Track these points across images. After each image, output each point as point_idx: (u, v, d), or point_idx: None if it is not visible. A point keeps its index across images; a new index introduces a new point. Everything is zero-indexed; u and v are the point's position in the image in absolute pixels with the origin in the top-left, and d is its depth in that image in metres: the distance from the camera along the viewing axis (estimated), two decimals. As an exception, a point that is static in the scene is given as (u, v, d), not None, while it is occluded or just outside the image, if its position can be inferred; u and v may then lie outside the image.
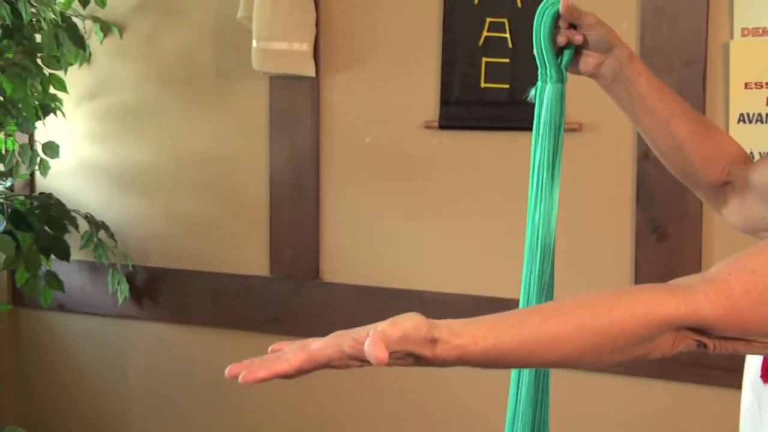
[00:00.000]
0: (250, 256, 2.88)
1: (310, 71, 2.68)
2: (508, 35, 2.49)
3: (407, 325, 0.92)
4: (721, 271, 1.01)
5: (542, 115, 1.48)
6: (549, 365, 1.02)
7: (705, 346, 1.00)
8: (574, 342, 0.98)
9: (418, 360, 0.93)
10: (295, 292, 2.81)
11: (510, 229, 2.54)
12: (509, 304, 2.67)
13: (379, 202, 2.71)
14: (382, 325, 0.92)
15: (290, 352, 0.95)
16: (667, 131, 1.45)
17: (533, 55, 1.52)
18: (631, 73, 1.45)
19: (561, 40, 1.45)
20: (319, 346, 0.95)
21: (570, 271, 2.50)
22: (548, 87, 1.48)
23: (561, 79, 1.47)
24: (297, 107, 2.77)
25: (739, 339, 1.00)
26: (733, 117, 2.28)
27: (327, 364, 0.94)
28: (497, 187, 2.56)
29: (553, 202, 1.43)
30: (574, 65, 1.47)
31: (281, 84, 2.78)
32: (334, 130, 2.74)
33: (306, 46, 2.66)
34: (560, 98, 1.47)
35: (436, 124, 2.59)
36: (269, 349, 0.99)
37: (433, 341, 0.93)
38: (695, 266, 2.28)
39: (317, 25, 2.69)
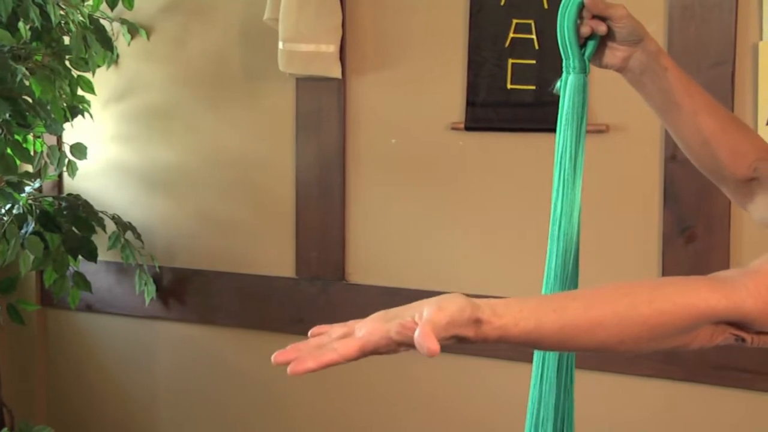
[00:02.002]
0: (276, 257, 2.89)
1: (337, 73, 2.68)
2: (534, 36, 2.49)
3: (453, 308, 0.94)
4: (763, 266, 1.00)
5: (565, 106, 1.48)
6: (587, 350, 1.01)
7: (743, 340, 0.99)
8: (613, 330, 0.97)
9: (461, 340, 0.95)
10: (321, 293, 2.82)
11: (536, 230, 2.53)
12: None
13: (405, 203, 2.71)
14: (428, 310, 0.93)
15: (336, 340, 0.95)
16: (694, 125, 1.44)
17: (560, 57, 1.50)
18: (658, 67, 1.43)
19: (585, 30, 1.44)
20: (366, 333, 0.94)
21: (597, 273, 2.49)
22: (570, 78, 1.48)
23: (584, 70, 1.47)
24: (323, 108, 2.77)
25: None
26: (762, 118, 2.27)
27: (375, 351, 0.94)
28: (523, 188, 2.56)
29: (576, 193, 1.42)
30: (600, 58, 1.46)
31: (308, 85, 2.78)
32: (361, 132, 2.74)
33: (332, 48, 2.66)
34: (582, 89, 1.47)
35: (463, 125, 2.58)
36: (310, 333, 0.99)
37: (477, 322, 0.95)
38: (723, 267, 2.25)
39: (343, 26, 2.69)
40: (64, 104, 2.79)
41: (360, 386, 2.80)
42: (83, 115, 2.90)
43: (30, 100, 2.65)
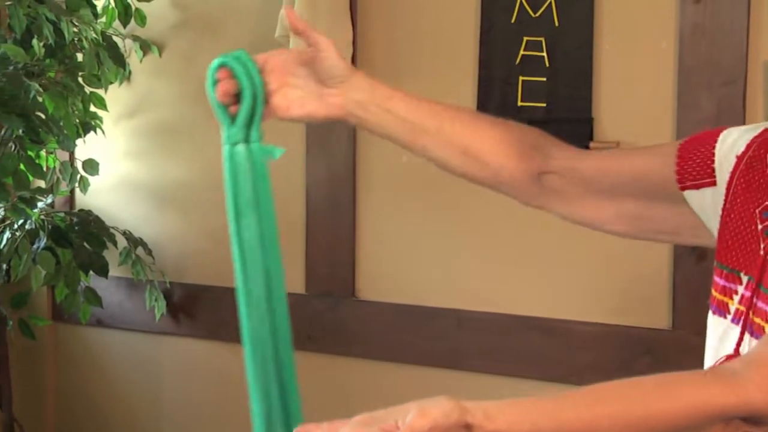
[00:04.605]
0: (286, 273, 2.88)
1: (348, 89, 2.68)
2: (545, 54, 2.49)
3: (436, 413, 0.88)
4: (763, 356, 0.97)
5: (229, 188, 1.27)
6: None
7: None
8: None
9: None
10: (330, 309, 2.82)
11: (548, 248, 2.53)
12: (544, 324, 2.67)
13: (415, 220, 2.71)
14: (411, 415, 0.88)
15: None
16: (445, 141, 1.34)
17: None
18: (381, 98, 1.32)
19: (220, 92, 1.26)
20: None
21: (608, 291, 2.49)
22: (226, 150, 1.27)
23: (245, 139, 1.27)
24: (334, 125, 2.77)
25: None
26: (773, 136, 2.27)
27: None
28: (534, 205, 2.55)
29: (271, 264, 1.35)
30: (303, 109, 1.29)
31: (318, 102, 2.78)
32: (371, 149, 2.75)
33: (343, 65, 2.67)
34: (244, 163, 1.28)
35: (473, 142, 2.58)
36: None
37: (467, 427, 0.89)
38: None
39: (354, 43, 2.70)
40: (77, 120, 2.80)
41: (370, 404, 2.79)
42: (95, 132, 2.91)
43: (43, 117, 2.66)
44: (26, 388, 3.30)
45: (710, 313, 1.23)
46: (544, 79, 2.50)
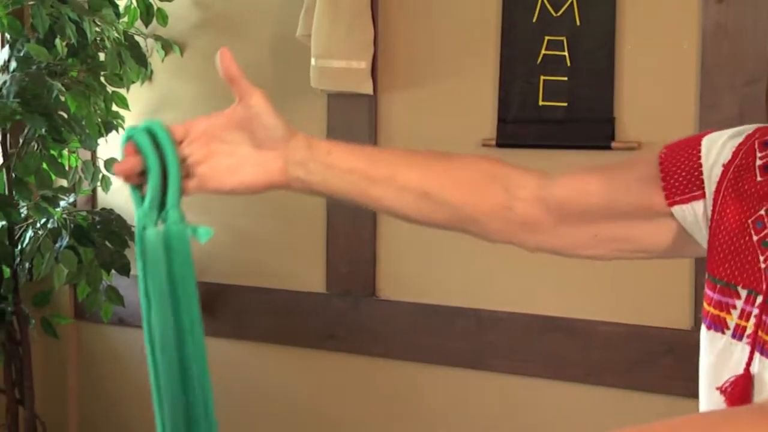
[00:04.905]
0: (307, 273, 2.89)
1: (368, 89, 2.69)
2: (566, 53, 2.49)
3: None
4: None
5: (140, 274, 1.11)
6: None
7: None
8: None
9: None
10: (351, 308, 2.82)
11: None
12: (566, 324, 2.67)
13: (436, 219, 2.71)
14: None
15: None
16: (399, 187, 1.22)
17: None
18: (321, 154, 1.19)
19: (122, 171, 1.12)
20: None
21: (629, 291, 2.49)
22: (138, 234, 1.12)
23: (160, 221, 1.12)
24: (354, 125, 2.78)
25: None
26: (796, 136, 2.25)
27: None
28: (555, 205, 2.55)
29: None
30: (242, 179, 1.15)
31: (339, 102, 2.79)
32: (393, 146, 2.75)
33: (364, 64, 2.67)
34: (163, 248, 1.11)
35: (494, 142, 2.58)
36: None
37: None
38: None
39: (375, 43, 2.70)
40: (99, 120, 2.81)
41: (391, 404, 2.80)
42: (117, 131, 2.92)
43: (65, 116, 2.68)
44: (48, 386, 3.32)
45: (704, 327, 1.19)
46: (566, 78, 2.49)
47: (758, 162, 1.16)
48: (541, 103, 2.52)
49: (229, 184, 1.17)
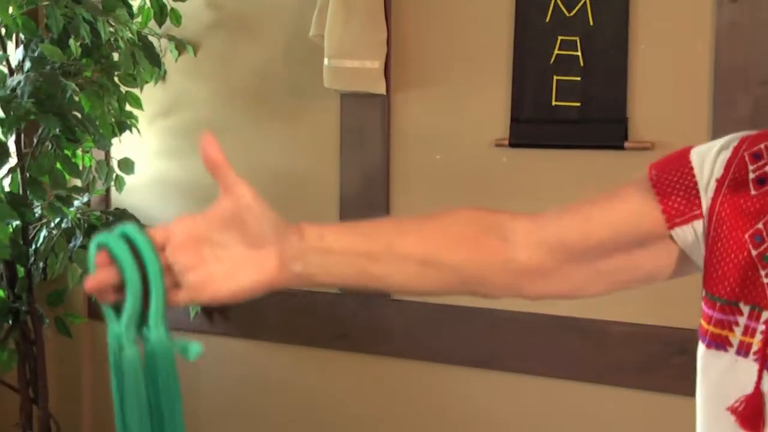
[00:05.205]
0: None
1: (381, 89, 2.69)
2: (579, 53, 2.48)
3: None
4: None
5: (115, 398, 1.00)
6: None
7: None
8: None
9: None
10: (364, 308, 2.82)
11: (581, 247, 2.52)
12: (579, 324, 2.66)
13: (448, 219, 2.70)
14: None
15: None
16: (399, 258, 1.14)
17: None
18: (314, 239, 1.09)
19: (94, 286, 0.99)
20: None
21: (642, 291, 2.48)
22: (112, 355, 1.02)
23: (139, 339, 1.00)
24: (368, 125, 2.78)
25: None
26: (810, 136, 2.25)
27: None
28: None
29: None
30: (239, 284, 1.03)
31: (352, 102, 2.79)
32: (405, 148, 2.75)
33: (377, 64, 2.68)
34: (143, 370, 0.99)
35: (507, 142, 2.58)
36: None
37: None
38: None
39: (388, 43, 2.70)
40: (113, 120, 2.82)
41: (404, 403, 2.80)
42: (131, 131, 2.93)
43: (79, 116, 2.68)
44: (62, 385, 3.33)
45: (702, 346, 1.18)
46: (579, 78, 2.49)
47: (751, 175, 1.15)
48: (554, 103, 2.52)
49: (226, 291, 1.02)
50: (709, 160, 1.18)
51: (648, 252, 1.22)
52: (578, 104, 2.49)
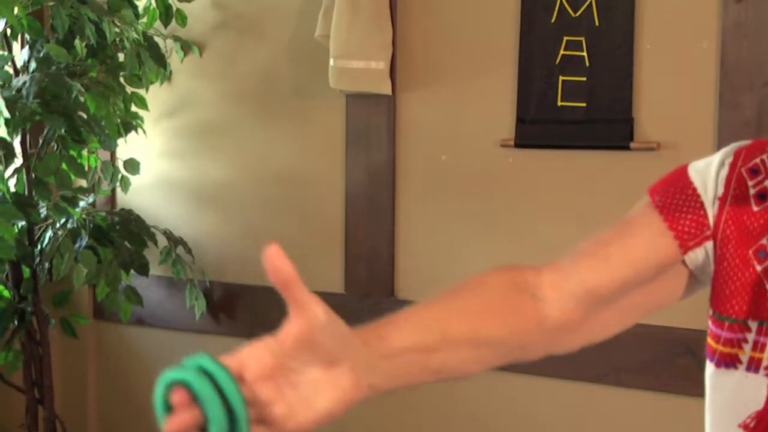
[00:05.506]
0: (325, 273, 2.90)
1: (387, 89, 2.69)
2: (585, 54, 2.48)
3: None
4: None
5: None
6: None
7: None
8: None
9: None
10: (369, 309, 2.82)
11: (586, 248, 2.52)
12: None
13: (454, 220, 2.71)
14: None
15: None
16: (454, 346, 1.10)
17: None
18: (376, 343, 1.04)
19: (175, 430, 0.89)
20: None
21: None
22: None
23: None
24: (373, 125, 2.78)
25: None
26: (816, 136, 2.24)
27: None
28: (573, 205, 2.54)
29: None
30: (321, 409, 0.95)
31: (358, 102, 2.79)
32: (410, 148, 2.75)
33: (383, 65, 2.68)
34: None
35: (512, 142, 2.58)
36: None
37: None
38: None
39: (394, 43, 2.70)
40: (118, 120, 2.82)
41: (409, 404, 2.80)
42: (136, 131, 2.94)
43: (85, 116, 2.69)
44: (68, 386, 3.33)
45: (711, 366, 1.16)
46: (584, 78, 2.48)
47: (751, 191, 1.14)
48: (559, 103, 2.52)
49: (311, 419, 0.95)
50: (710, 178, 1.17)
51: (663, 280, 1.19)
52: (584, 105, 2.49)
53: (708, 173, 1.17)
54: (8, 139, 2.63)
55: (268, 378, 0.92)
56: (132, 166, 2.99)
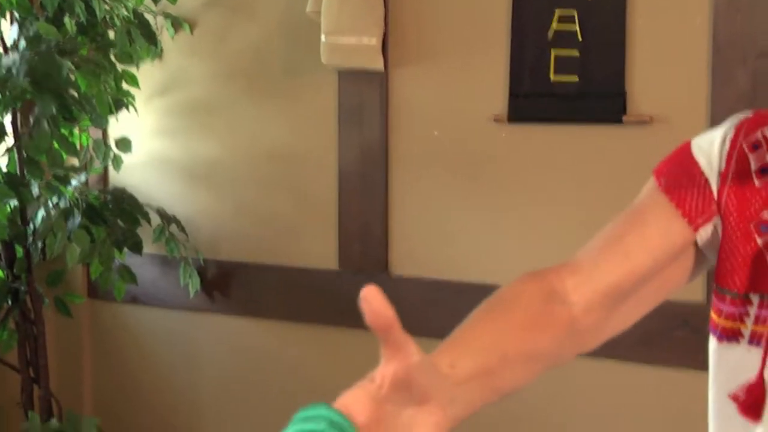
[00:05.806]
0: (319, 250, 2.90)
1: (379, 65, 2.68)
2: (577, 27, 2.47)
3: None
4: None
5: None
6: None
7: None
8: None
9: None
10: (363, 285, 2.81)
11: (579, 222, 2.52)
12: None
13: (447, 195, 2.71)
14: None
15: None
16: (512, 364, 1.11)
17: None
18: (448, 371, 1.01)
19: None
20: None
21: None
22: None
23: None
24: (366, 101, 2.78)
25: None
26: (809, 108, 2.24)
27: None
28: (566, 180, 2.54)
29: None
30: None
31: (350, 78, 2.78)
32: (403, 124, 2.75)
33: (374, 41, 2.66)
34: None
35: (505, 117, 2.58)
36: None
37: None
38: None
39: (386, 19, 2.69)
40: (109, 98, 2.81)
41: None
42: (128, 109, 2.92)
43: (76, 95, 2.67)
44: (63, 365, 3.33)
45: (713, 340, 1.17)
46: (577, 52, 2.48)
47: (753, 166, 1.14)
48: (552, 77, 2.51)
49: None
50: (714, 155, 1.17)
51: (676, 264, 1.19)
52: (576, 79, 2.48)
53: (711, 151, 1.17)
54: (-1, 118, 2.62)
55: (375, 424, 0.89)
56: (124, 144, 2.98)
